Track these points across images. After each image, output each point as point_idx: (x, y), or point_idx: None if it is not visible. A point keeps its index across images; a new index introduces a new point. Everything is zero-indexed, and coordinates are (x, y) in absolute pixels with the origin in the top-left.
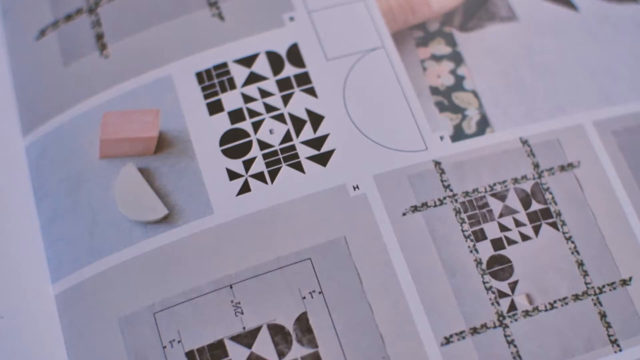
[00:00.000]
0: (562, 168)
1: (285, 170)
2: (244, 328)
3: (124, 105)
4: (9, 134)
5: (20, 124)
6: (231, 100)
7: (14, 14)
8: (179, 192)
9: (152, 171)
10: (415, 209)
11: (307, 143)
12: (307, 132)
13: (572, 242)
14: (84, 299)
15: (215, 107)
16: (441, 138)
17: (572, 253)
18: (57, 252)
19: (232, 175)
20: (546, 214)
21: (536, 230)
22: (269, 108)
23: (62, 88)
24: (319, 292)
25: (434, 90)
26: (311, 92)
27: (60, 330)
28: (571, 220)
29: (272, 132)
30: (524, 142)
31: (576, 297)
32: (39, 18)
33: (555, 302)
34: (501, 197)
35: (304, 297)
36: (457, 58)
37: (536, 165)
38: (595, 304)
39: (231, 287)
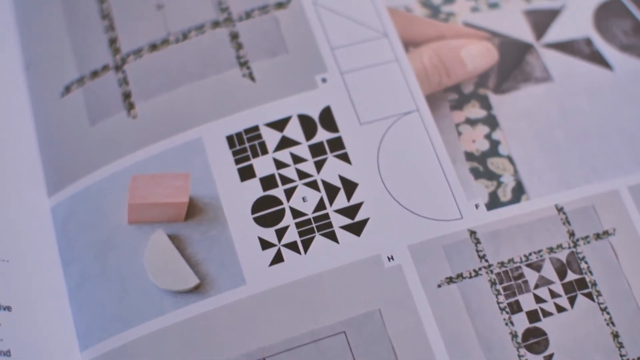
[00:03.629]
0: (598, 236)
1: (319, 240)
2: None
3: (152, 168)
4: (34, 194)
5: (46, 183)
6: (263, 165)
7: (38, 68)
8: (210, 261)
9: (183, 239)
10: (450, 280)
11: (341, 211)
12: (341, 200)
13: (608, 313)
14: None
15: (246, 173)
16: (476, 206)
17: (608, 324)
18: (85, 319)
19: (265, 244)
20: (582, 284)
21: (572, 301)
22: (302, 174)
23: (88, 148)
24: None
25: (469, 156)
26: (344, 157)
27: None
28: (606, 290)
29: (305, 200)
30: (560, 210)
31: None
32: (63, 73)
33: None
34: (537, 267)
35: None
36: (492, 122)
37: (572, 234)
38: None
39: None
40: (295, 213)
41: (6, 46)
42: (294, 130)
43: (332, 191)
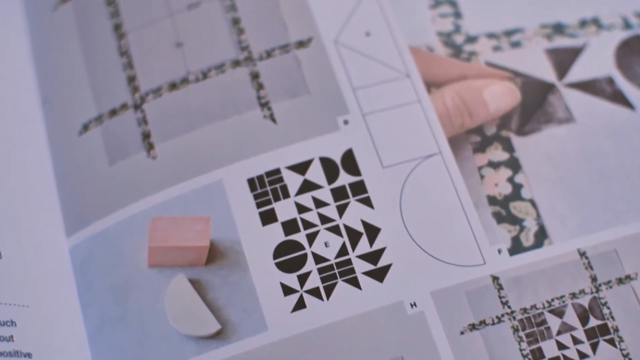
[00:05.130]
0: (620, 281)
1: (341, 286)
2: None
3: (172, 210)
4: (52, 234)
5: (64, 223)
6: (285, 209)
7: (55, 104)
8: (231, 306)
9: (204, 283)
10: (473, 327)
11: (363, 257)
12: (363, 246)
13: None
14: None
15: (268, 217)
16: (499, 251)
17: None
18: None
19: (287, 290)
20: (604, 330)
21: (594, 347)
22: (324, 219)
23: (107, 189)
24: None
25: (492, 200)
26: (367, 202)
27: None
28: (628, 336)
29: (328, 245)
30: (582, 254)
31: None
32: (81, 111)
33: None
34: (559, 313)
35: None
36: (514, 165)
37: (594, 279)
38: None
39: None
40: (318, 258)
41: (23, 81)
42: (315, 173)
43: (354, 236)
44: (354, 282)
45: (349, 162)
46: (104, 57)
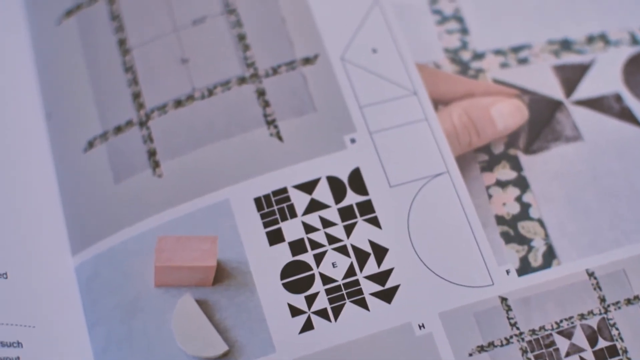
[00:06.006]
0: (628, 301)
1: (349, 307)
2: None
3: (179, 229)
4: (57, 252)
5: (69, 242)
6: (292, 229)
7: (59, 119)
8: (239, 327)
9: (211, 304)
10: (481, 349)
11: (371, 278)
12: (371, 266)
13: None
14: None
15: (275, 237)
16: (507, 272)
17: None
18: None
19: (295, 311)
20: (612, 351)
21: None
22: (332, 239)
23: (113, 207)
24: None
25: (500, 220)
26: (374, 221)
27: None
28: (637, 357)
29: (335, 266)
30: (591, 275)
31: None
32: (86, 127)
33: None
34: (568, 334)
35: None
36: (522, 184)
37: (602, 299)
38: None
39: None
40: (325, 279)
41: (26, 95)
42: (323, 192)
43: (362, 257)
44: (362, 303)
45: (356, 181)
46: (108, 73)
